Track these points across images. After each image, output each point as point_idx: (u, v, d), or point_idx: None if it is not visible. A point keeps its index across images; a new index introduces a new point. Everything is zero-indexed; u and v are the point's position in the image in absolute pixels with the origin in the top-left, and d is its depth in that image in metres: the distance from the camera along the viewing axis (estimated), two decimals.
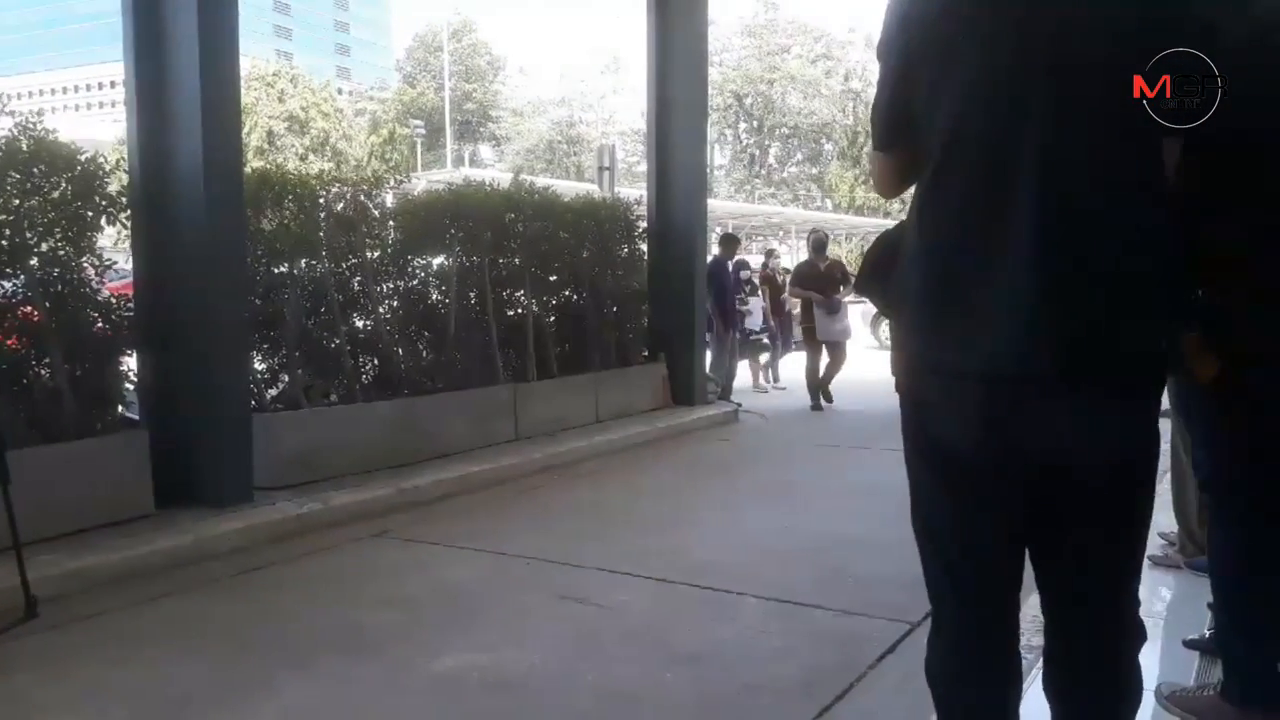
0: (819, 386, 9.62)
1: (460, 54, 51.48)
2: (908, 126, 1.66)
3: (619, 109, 52.41)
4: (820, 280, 9.65)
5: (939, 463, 1.68)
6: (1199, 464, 2.06)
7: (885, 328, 17.84)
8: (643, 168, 17.60)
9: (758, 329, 11.12)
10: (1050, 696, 1.74)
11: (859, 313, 11.83)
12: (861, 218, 43.40)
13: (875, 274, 1.81)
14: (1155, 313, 1.54)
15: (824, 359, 9.73)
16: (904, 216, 1.79)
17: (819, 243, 10.08)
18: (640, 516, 5.49)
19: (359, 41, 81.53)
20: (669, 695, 3.11)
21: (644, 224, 8.97)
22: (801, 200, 47.62)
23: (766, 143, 52.20)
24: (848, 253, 42.78)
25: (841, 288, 9.58)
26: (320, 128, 31.85)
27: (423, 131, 40.16)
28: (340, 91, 41.25)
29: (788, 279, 11.38)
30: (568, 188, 11.40)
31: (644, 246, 8.97)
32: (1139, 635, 1.70)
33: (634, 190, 14.45)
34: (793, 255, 28.03)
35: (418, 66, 54.00)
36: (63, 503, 4.45)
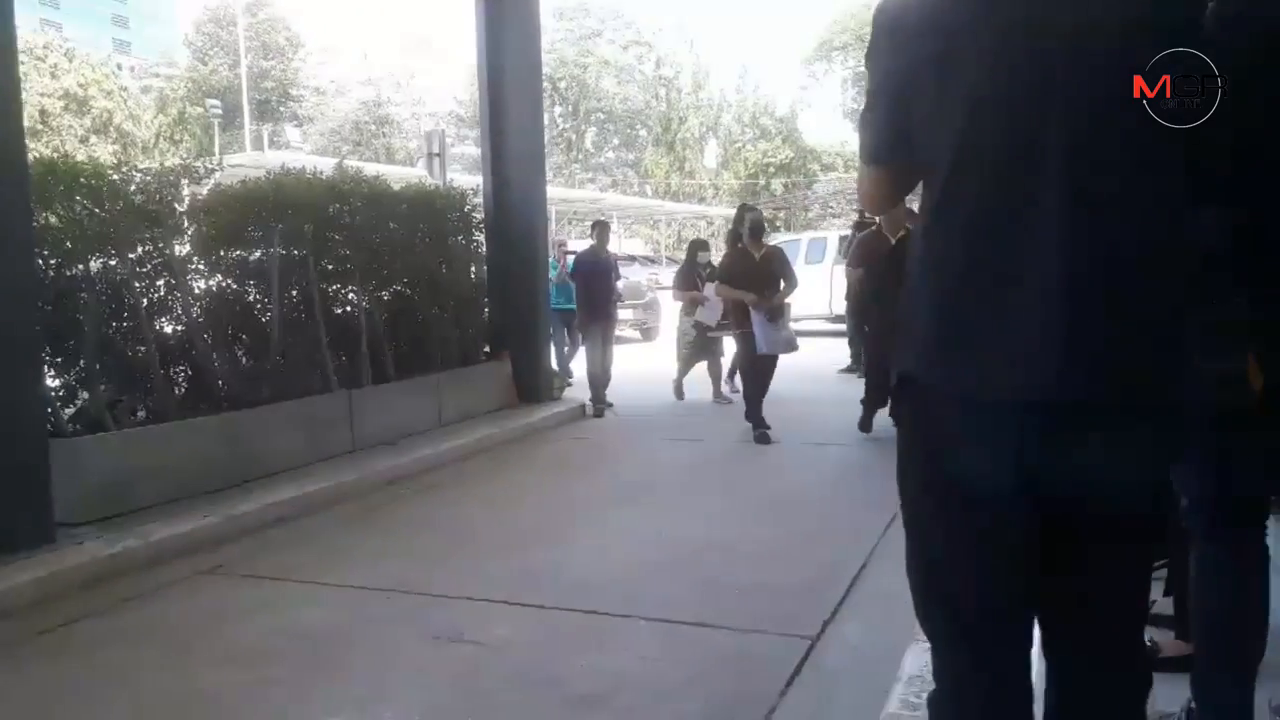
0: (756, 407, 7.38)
1: (256, 29, 48.33)
2: (905, 138, 1.51)
3: (429, 90, 50.89)
4: (756, 276, 7.28)
5: (955, 504, 1.49)
6: (1189, 491, 1.97)
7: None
8: (459, 150, 17.00)
9: (712, 324, 8.76)
10: None
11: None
12: (678, 204, 44.02)
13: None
14: (1186, 332, 1.45)
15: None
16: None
17: (756, 225, 7.53)
18: (502, 532, 5.13)
19: (138, 13, 75.20)
20: None
21: (481, 214, 8.52)
22: (620, 185, 47.81)
23: (582, 127, 52.00)
24: (667, 238, 43.47)
25: (782, 284, 7.35)
26: (103, 107, 28.84)
27: (219, 111, 37.35)
28: (120, 67, 37.54)
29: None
30: (397, 175, 10.73)
31: (481, 237, 8.54)
32: (1148, 684, 1.60)
33: (452, 175, 13.86)
34: (620, 241, 27.96)
35: (209, 41, 50.29)
36: None
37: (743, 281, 7.27)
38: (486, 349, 8.52)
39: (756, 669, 3.29)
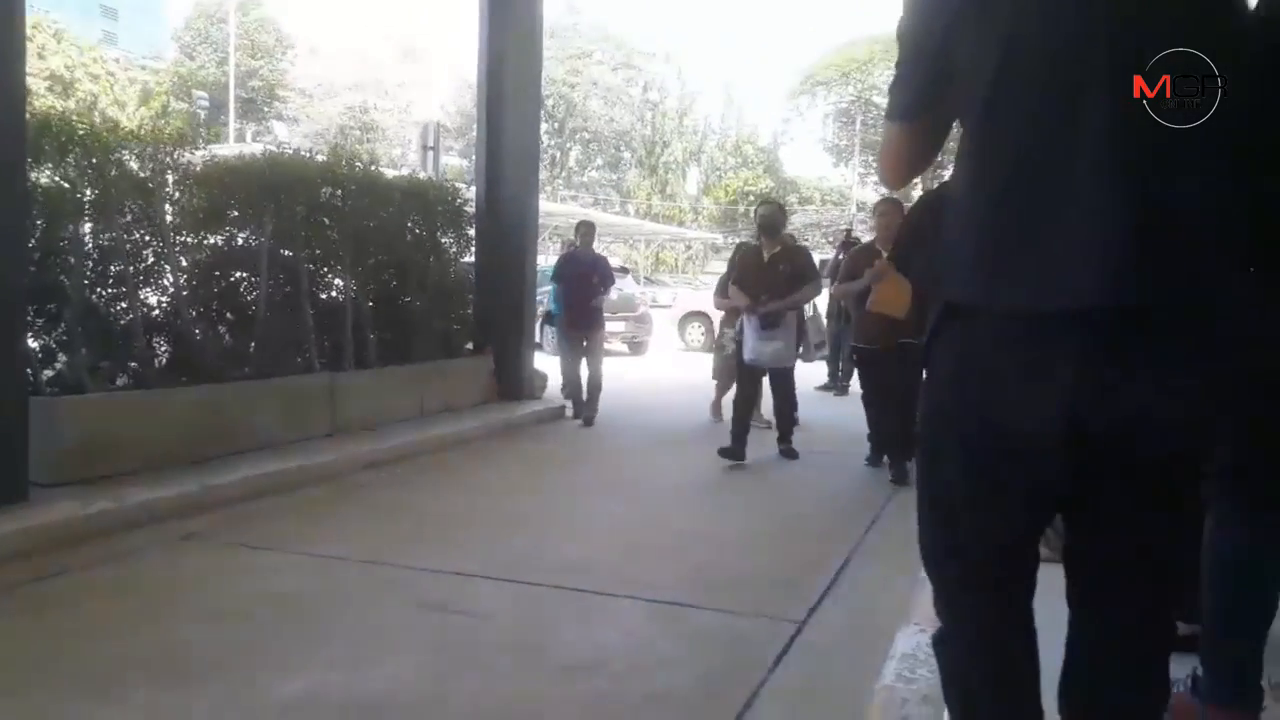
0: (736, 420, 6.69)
1: (246, 28, 48.09)
2: (941, 93, 1.53)
3: (416, 100, 50.78)
4: (761, 277, 6.64)
5: (988, 438, 1.47)
6: (1219, 458, 1.95)
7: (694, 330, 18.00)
8: (443, 160, 16.98)
9: None
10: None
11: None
12: (659, 225, 44.20)
13: (916, 239, 1.61)
14: (1237, 250, 1.45)
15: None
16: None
17: (764, 221, 6.76)
18: (484, 516, 5.09)
19: (128, 6, 74.68)
20: (561, 711, 2.79)
21: (472, 209, 8.51)
22: (601, 204, 47.94)
23: (567, 145, 52.15)
24: (645, 257, 43.57)
25: (801, 287, 6.60)
26: (88, 90, 28.55)
27: (206, 104, 37.10)
28: (104, 57, 37.28)
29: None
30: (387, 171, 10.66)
31: (470, 232, 8.51)
32: (1172, 641, 1.59)
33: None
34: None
35: (197, 38, 50.01)
36: None
37: (748, 283, 6.66)
38: (470, 344, 8.48)
39: (745, 647, 3.28)
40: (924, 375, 1.62)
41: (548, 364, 8.91)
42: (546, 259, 13.72)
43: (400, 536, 4.58)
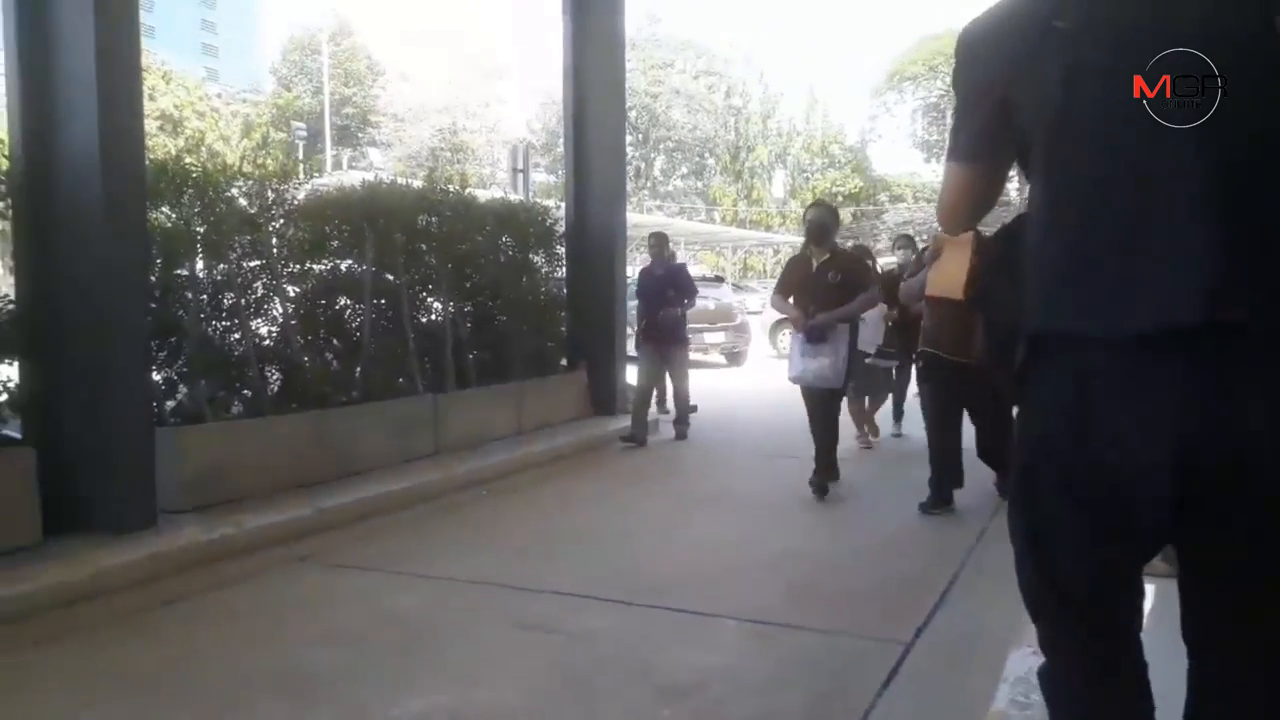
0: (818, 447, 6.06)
1: (338, 57, 49.89)
2: (1005, 133, 1.51)
3: (503, 119, 51.81)
4: (807, 287, 5.96)
5: (1083, 468, 1.41)
6: None
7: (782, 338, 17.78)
8: (531, 176, 17.31)
9: (870, 351, 7.22)
10: None
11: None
12: (745, 231, 44.08)
13: (997, 270, 1.57)
14: None
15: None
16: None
17: (812, 227, 5.95)
18: (584, 533, 5.17)
19: (228, 43, 78.11)
20: None
21: (562, 228, 8.64)
22: (687, 213, 48.02)
23: (651, 155, 52.43)
24: (734, 264, 43.44)
25: (853, 296, 5.77)
26: (195, 128, 30.12)
27: (303, 133, 38.65)
28: (207, 95, 39.33)
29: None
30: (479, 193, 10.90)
31: (561, 251, 8.65)
32: None
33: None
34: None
35: (293, 69, 52.11)
36: None
37: (796, 292, 6.02)
38: (564, 361, 8.60)
39: (850, 670, 3.26)
40: (1016, 412, 1.58)
41: None
42: (635, 272, 13.77)
43: (501, 555, 4.68)
